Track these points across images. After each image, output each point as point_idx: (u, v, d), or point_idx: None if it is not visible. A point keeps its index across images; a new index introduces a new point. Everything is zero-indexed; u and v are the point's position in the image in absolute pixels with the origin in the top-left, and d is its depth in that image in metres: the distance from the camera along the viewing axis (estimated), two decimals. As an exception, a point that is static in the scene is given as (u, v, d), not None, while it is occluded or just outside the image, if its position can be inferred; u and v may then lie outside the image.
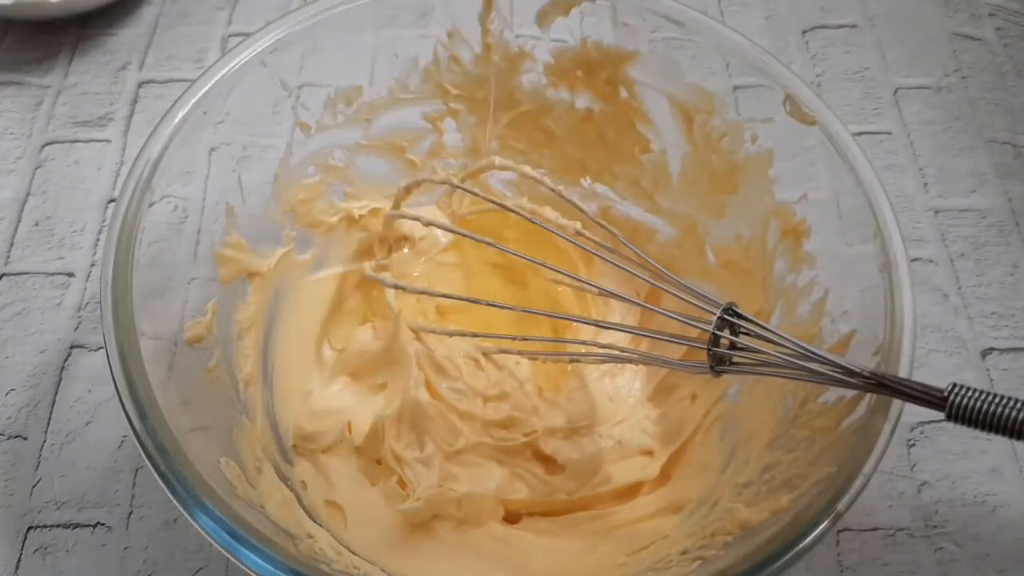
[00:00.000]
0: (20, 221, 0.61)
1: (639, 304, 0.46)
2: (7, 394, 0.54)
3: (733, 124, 0.49)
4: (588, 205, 0.51)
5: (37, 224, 0.61)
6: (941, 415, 0.34)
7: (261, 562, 0.34)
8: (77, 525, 0.49)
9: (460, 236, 0.50)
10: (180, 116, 0.44)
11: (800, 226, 0.47)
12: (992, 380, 0.55)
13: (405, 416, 0.50)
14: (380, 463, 0.50)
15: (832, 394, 0.41)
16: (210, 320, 0.45)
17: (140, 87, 0.68)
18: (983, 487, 0.51)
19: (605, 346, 0.47)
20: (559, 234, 0.48)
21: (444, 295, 0.49)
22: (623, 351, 0.47)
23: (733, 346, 0.40)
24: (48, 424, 0.52)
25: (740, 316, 0.40)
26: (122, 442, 0.52)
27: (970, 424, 0.33)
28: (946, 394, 0.34)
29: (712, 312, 0.40)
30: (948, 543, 0.49)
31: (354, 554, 0.44)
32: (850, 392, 0.39)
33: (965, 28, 0.73)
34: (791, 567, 0.35)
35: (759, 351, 0.39)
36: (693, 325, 0.41)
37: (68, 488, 0.50)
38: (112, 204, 0.59)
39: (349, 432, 0.51)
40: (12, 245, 0.60)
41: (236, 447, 0.43)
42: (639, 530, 0.47)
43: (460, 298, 0.48)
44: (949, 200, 0.63)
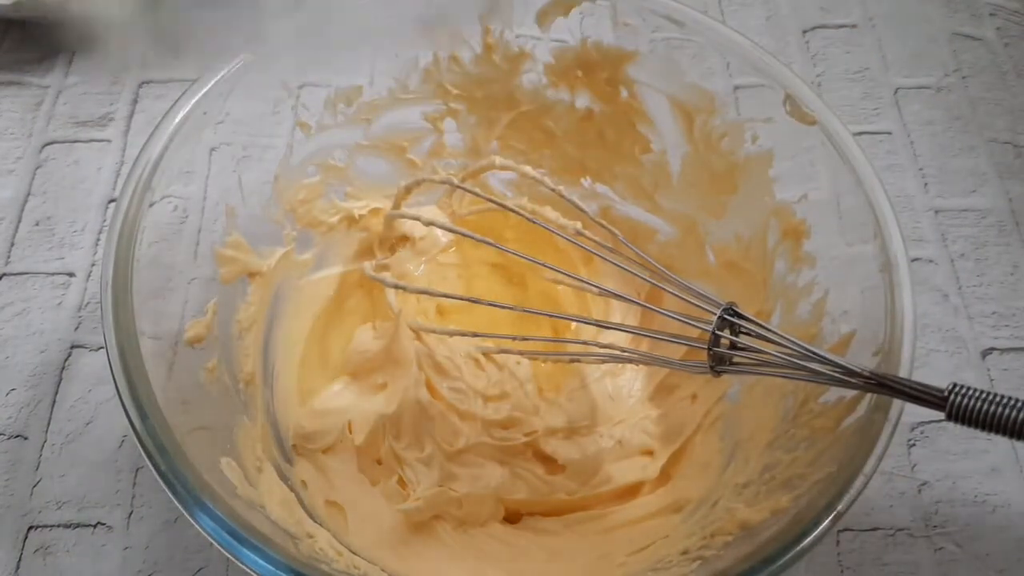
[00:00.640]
0: (20, 221, 0.61)
1: (639, 304, 0.46)
2: (7, 394, 0.54)
3: (733, 124, 0.49)
4: (588, 205, 0.50)
5: (37, 224, 0.61)
6: (941, 415, 0.34)
7: (261, 562, 0.34)
8: (77, 525, 0.49)
9: (460, 236, 0.50)
10: (180, 116, 0.44)
11: (800, 226, 0.47)
12: (992, 380, 0.55)
13: (405, 416, 0.50)
14: (380, 463, 0.50)
15: (832, 394, 0.41)
16: (210, 320, 0.45)
17: (140, 87, 0.68)
18: (983, 487, 0.51)
19: (605, 346, 0.47)
20: (559, 234, 0.48)
21: (444, 295, 0.49)
22: (623, 351, 0.47)
23: (733, 346, 0.40)
24: (48, 424, 0.52)
25: (740, 316, 0.40)
26: (122, 442, 0.52)
27: (970, 424, 0.33)
28: (946, 394, 0.34)
29: (712, 312, 0.40)
30: (948, 543, 0.49)
31: (354, 554, 0.44)
32: (850, 392, 0.39)
33: (965, 28, 0.73)
34: (791, 567, 0.35)
35: (759, 351, 0.39)
36: (693, 325, 0.41)
37: (68, 488, 0.50)
38: (112, 204, 0.59)
39: (349, 432, 0.51)
40: (12, 245, 0.60)
41: (236, 447, 0.43)
42: (639, 530, 0.47)
43: (460, 298, 0.49)
44: (949, 200, 0.63)
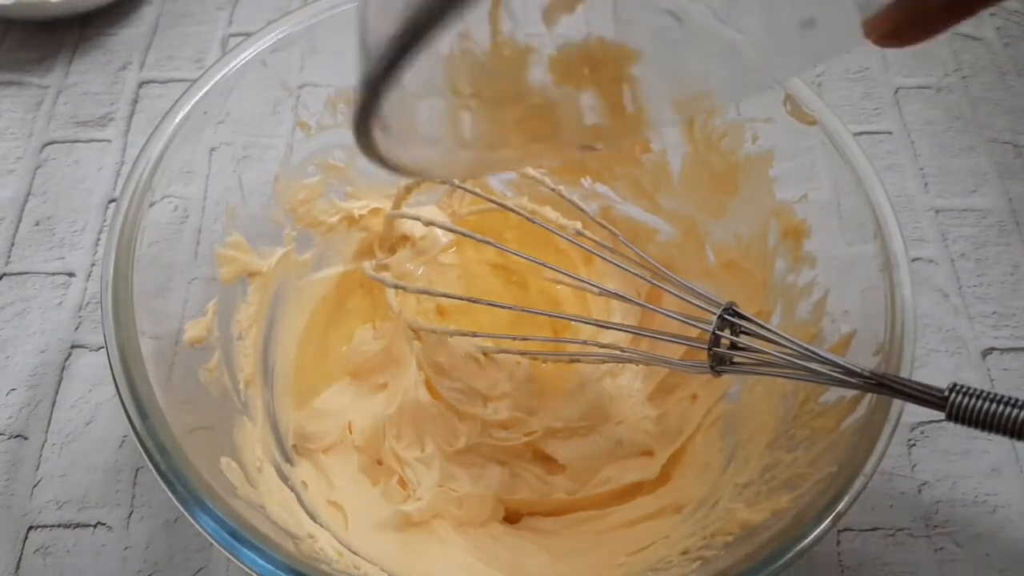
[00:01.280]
0: (20, 221, 0.61)
1: (639, 304, 0.46)
2: (7, 394, 0.54)
3: (733, 124, 0.49)
4: (588, 205, 0.50)
5: (38, 224, 0.61)
6: (941, 415, 0.34)
7: (262, 562, 0.34)
8: (77, 525, 0.49)
9: (460, 236, 0.50)
10: (180, 116, 0.44)
11: (800, 226, 0.47)
12: (992, 380, 0.55)
13: (405, 416, 0.50)
14: (380, 463, 0.50)
15: (832, 394, 0.41)
16: (210, 320, 0.45)
17: (140, 87, 0.68)
18: (983, 487, 0.51)
19: (605, 346, 0.47)
20: (559, 234, 0.48)
21: (444, 295, 0.49)
22: (623, 351, 0.47)
23: (733, 346, 0.40)
24: (48, 424, 0.52)
25: (740, 316, 0.40)
26: (122, 442, 0.52)
27: (970, 424, 0.33)
28: (946, 394, 0.34)
29: (712, 312, 0.40)
30: (948, 543, 0.49)
31: (354, 554, 0.44)
32: (850, 392, 0.39)
33: (965, 28, 0.73)
34: (791, 567, 0.35)
35: (759, 351, 0.39)
36: (693, 325, 0.41)
37: (68, 488, 0.50)
38: (112, 204, 0.59)
39: (349, 432, 0.51)
40: (13, 245, 0.60)
41: (236, 447, 0.43)
42: (639, 530, 0.47)
43: (460, 298, 0.49)
44: (949, 200, 0.63)
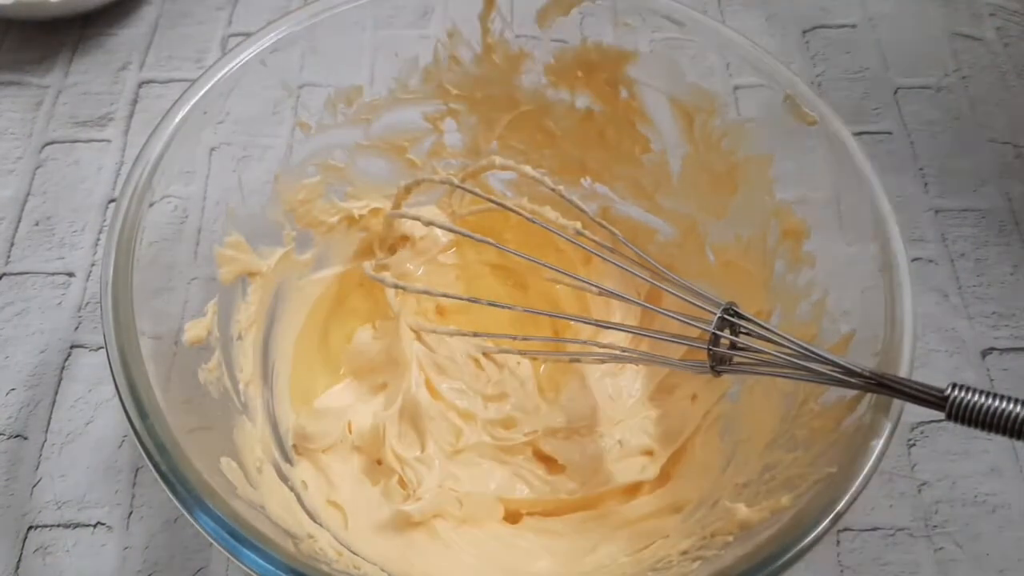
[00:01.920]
0: (20, 221, 0.61)
1: (639, 304, 0.46)
2: (7, 394, 0.54)
3: (733, 124, 0.49)
4: (588, 205, 0.50)
5: (37, 224, 0.61)
6: (941, 415, 0.34)
7: (262, 562, 0.34)
8: (77, 525, 0.49)
9: (460, 236, 0.50)
10: (180, 116, 0.44)
11: (800, 226, 0.47)
12: (992, 380, 0.55)
13: (406, 416, 0.50)
14: (381, 463, 0.50)
15: (832, 394, 0.41)
16: (210, 320, 0.45)
17: (140, 87, 0.68)
18: (983, 487, 0.51)
19: (605, 346, 0.47)
20: (559, 234, 0.48)
21: (444, 295, 0.49)
22: (623, 351, 0.47)
23: (733, 346, 0.40)
24: (48, 424, 0.52)
25: (740, 316, 0.40)
26: (122, 442, 0.52)
27: (970, 424, 0.33)
28: (946, 394, 0.34)
29: (712, 312, 0.40)
30: (948, 543, 0.49)
31: (355, 554, 0.44)
32: (850, 392, 0.39)
33: (965, 28, 0.73)
34: (791, 567, 0.35)
35: (759, 351, 0.39)
36: (693, 325, 0.41)
37: (68, 488, 0.50)
38: (112, 204, 0.59)
39: (350, 432, 0.51)
40: (12, 245, 0.60)
41: (236, 447, 0.43)
42: (639, 530, 0.47)
43: (460, 298, 0.49)
44: (949, 200, 0.63)
